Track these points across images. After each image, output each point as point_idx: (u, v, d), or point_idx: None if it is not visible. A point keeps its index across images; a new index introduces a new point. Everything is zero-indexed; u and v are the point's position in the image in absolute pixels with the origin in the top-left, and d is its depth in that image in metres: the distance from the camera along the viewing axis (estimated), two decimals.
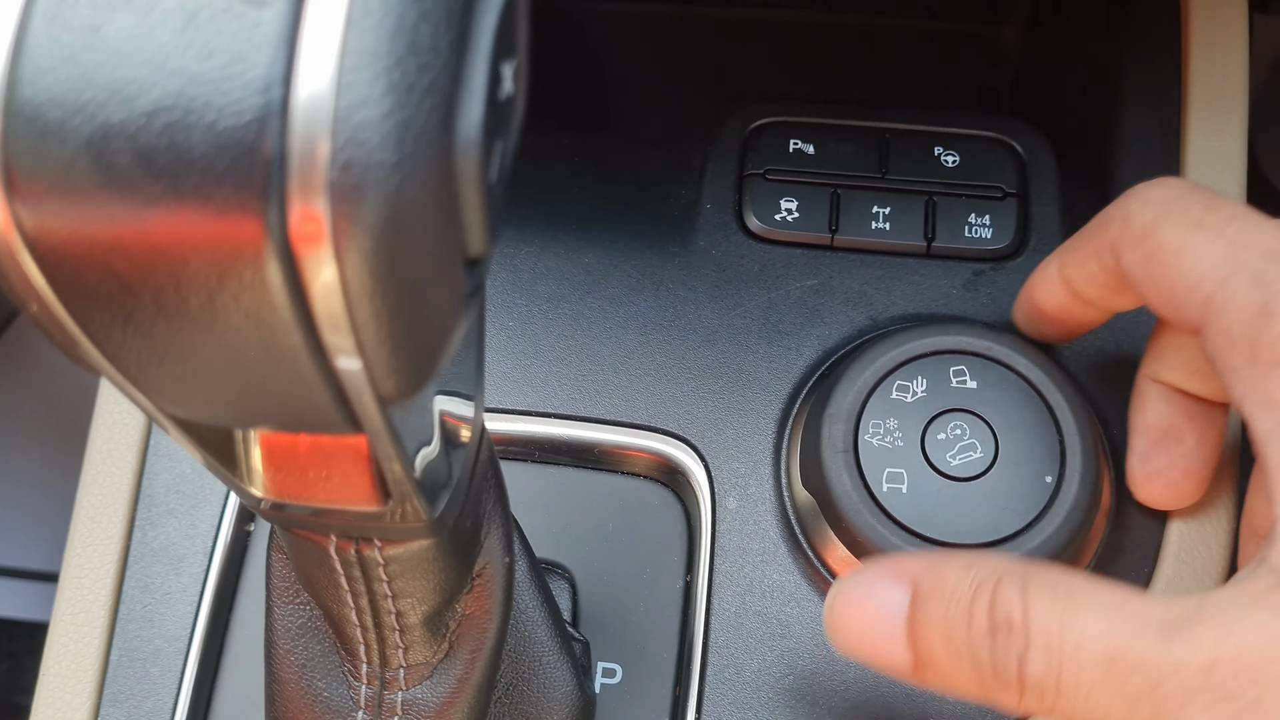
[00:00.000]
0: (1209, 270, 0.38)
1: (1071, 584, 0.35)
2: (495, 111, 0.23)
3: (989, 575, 0.36)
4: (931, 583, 0.37)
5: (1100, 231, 0.43)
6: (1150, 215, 0.41)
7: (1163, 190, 0.42)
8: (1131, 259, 0.41)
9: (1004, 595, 0.35)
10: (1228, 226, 0.39)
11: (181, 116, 0.20)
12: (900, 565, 0.39)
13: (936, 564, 0.38)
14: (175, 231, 0.20)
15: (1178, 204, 0.40)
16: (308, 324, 0.22)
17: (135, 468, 0.51)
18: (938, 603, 0.37)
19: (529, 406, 0.51)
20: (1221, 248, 0.38)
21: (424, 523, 0.31)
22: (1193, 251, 0.39)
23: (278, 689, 0.38)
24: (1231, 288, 0.37)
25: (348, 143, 0.20)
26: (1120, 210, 0.42)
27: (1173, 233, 0.40)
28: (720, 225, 0.54)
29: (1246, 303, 0.37)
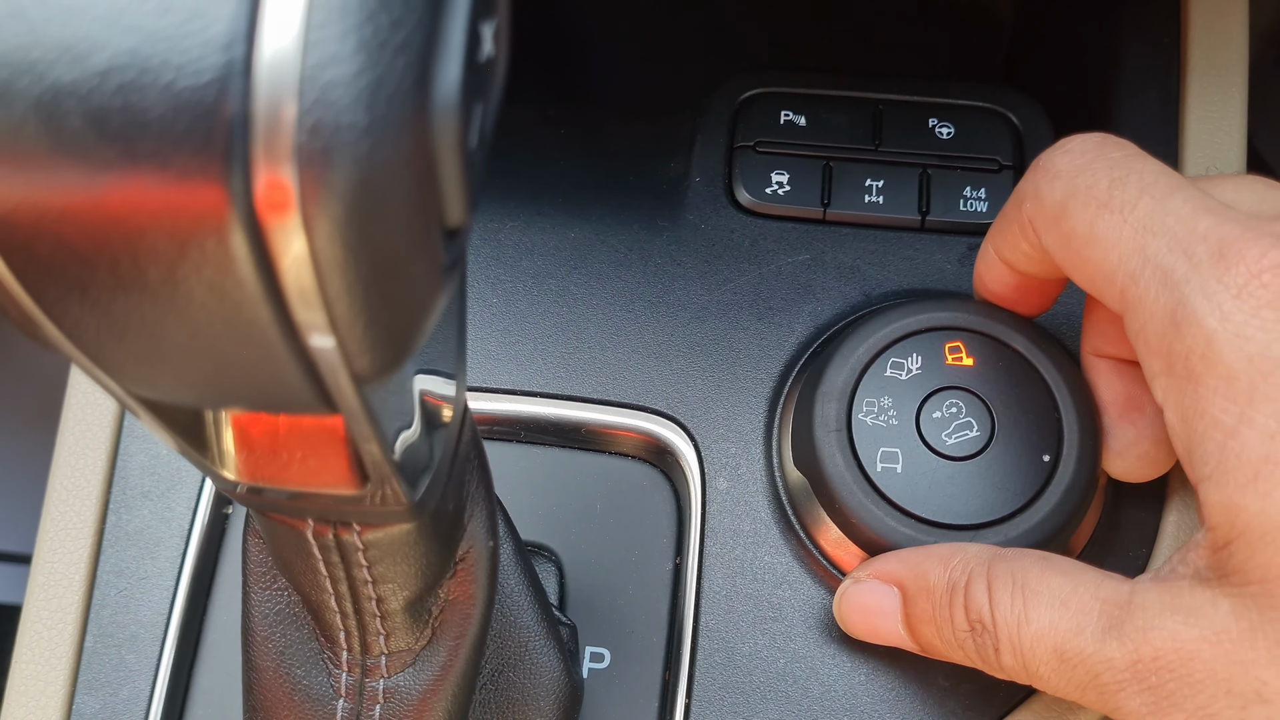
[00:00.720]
0: (1120, 262, 0.37)
1: (1026, 577, 0.39)
2: (474, 73, 0.22)
3: (961, 573, 0.40)
4: (915, 584, 0.42)
5: (1017, 211, 0.42)
6: (1059, 193, 0.40)
7: (1070, 160, 0.40)
8: (1050, 241, 0.41)
9: (974, 594, 0.40)
10: (1136, 206, 0.37)
11: (137, 76, 0.18)
12: (885, 568, 0.43)
13: (917, 563, 0.42)
14: (131, 199, 0.19)
15: (1084, 177, 0.39)
16: (276, 298, 0.20)
17: (109, 449, 0.49)
18: (924, 602, 0.41)
19: (514, 385, 0.50)
20: (1130, 234, 0.37)
21: (404, 506, 0.30)
22: (1103, 238, 0.38)
23: (255, 677, 0.37)
24: (1142, 285, 0.37)
25: (315, 103, 0.18)
26: (1031, 187, 0.41)
27: (1082, 216, 0.39)
28: (710, 199, 0.53)
29: (1156, 307, 0.36)
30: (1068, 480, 0.44)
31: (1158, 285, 0.36)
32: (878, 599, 0.43)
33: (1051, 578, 0.39)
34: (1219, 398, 0.35)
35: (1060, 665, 0.38)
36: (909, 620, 0.42)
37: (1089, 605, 0.38)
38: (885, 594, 0.43)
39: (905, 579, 0.42)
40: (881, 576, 0.43)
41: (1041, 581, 0.39)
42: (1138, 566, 0.47)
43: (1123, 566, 0.46)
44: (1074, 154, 0.40)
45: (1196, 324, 0.35)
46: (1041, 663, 0.38)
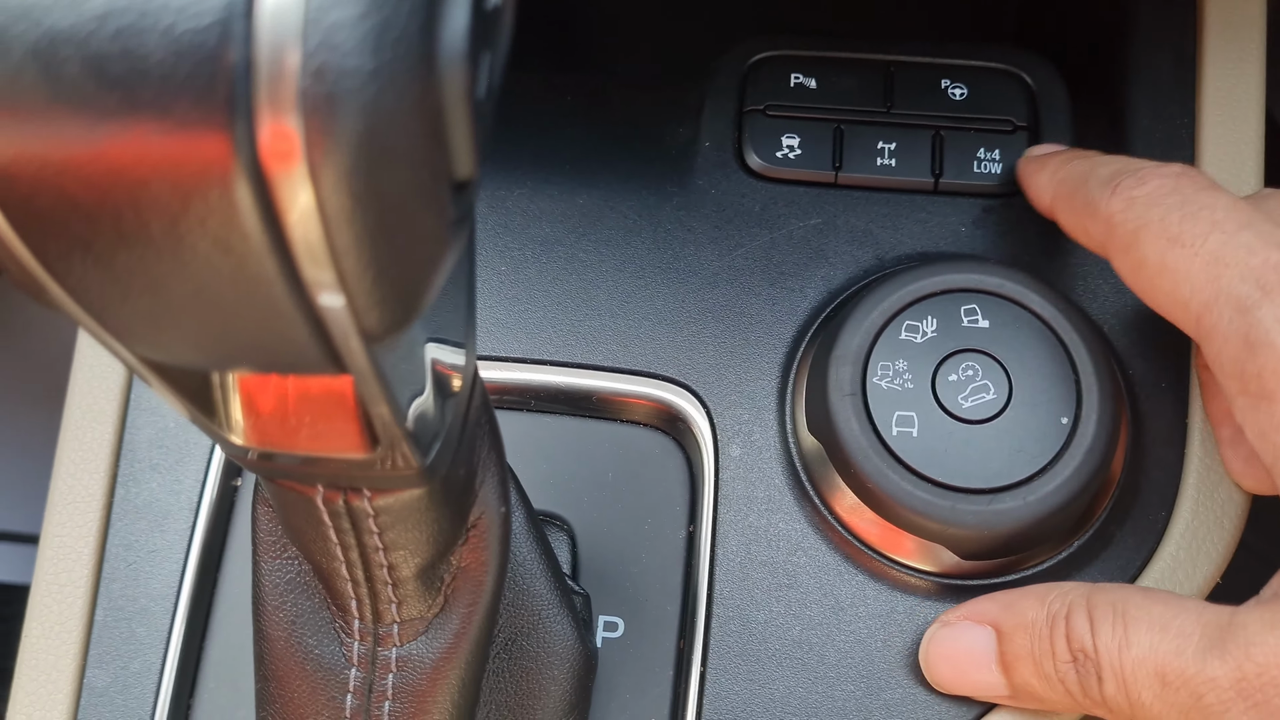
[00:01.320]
0: (1193, 293, 0.39)
1: (1127, 604, 0.39)
2: (482, 21, 0.21)
3: (1061, 606, 0.41)
4: (1012, 621, 0.42)
5: (1089, 222, 0.43)
6: (1132, 224, 0.41)
7: (1144, 191, 0.41)
8: (1121, 267, 0.42)
9: (1076, 624, 0.40)
10: (1206, 241, 0.39)
11: (136, 20, 0.18)
12: (978, 610, 0.43)
13: (1012, 602, 0.42)
14: (132, 149, 0.18)
15: (1156, 211, 0.41)
16: (282, 251, 0.20)
17: (116, 422, 0.49)
18: (1022, 638, 0.41)
19: (524, 354, 0.49)
20: (1201, 267, 0.39)
21: (415, 470, 0.29)
22: (1174, 271, 0.40)
23: (267, 647, 0.37)
24: (1215, 313, 0.38)
25: (320, 46, 0.18)
26: (1105, 211, 0.42)
27: (1153, 248, 0.40)
28: (720, 164, 0.52)
29: (1230, 332, 0.38)
30: (1087, 443, 0.43)
31: (1231, 312, 0.38)
32: (970, 640, 0.43)
33: (1152, 605, 0.39)
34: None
35: (1163, 689, 0.38)
36: (1004, 659, 0.42)
37: (1190, 628, 0.38)
38: (979, 635, 0.42)
39: (1000, 617, 0.42)
40: (973, 617, 0.43)
41: (1142, 609, 0.39)
42: (1157, 531, 0.46)
43: (1144, 530, 0.46)
44: (1149, 186, 0.41)
45: (1269, 345, 0.37)
46: (1144, 687, 0.38)
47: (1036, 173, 0.47)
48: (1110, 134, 0.52)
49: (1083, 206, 0.44)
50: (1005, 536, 0.43)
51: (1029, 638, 0.41)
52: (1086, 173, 0.44)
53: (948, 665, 0.43)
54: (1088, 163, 0.45)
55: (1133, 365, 0.48)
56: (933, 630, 0.44)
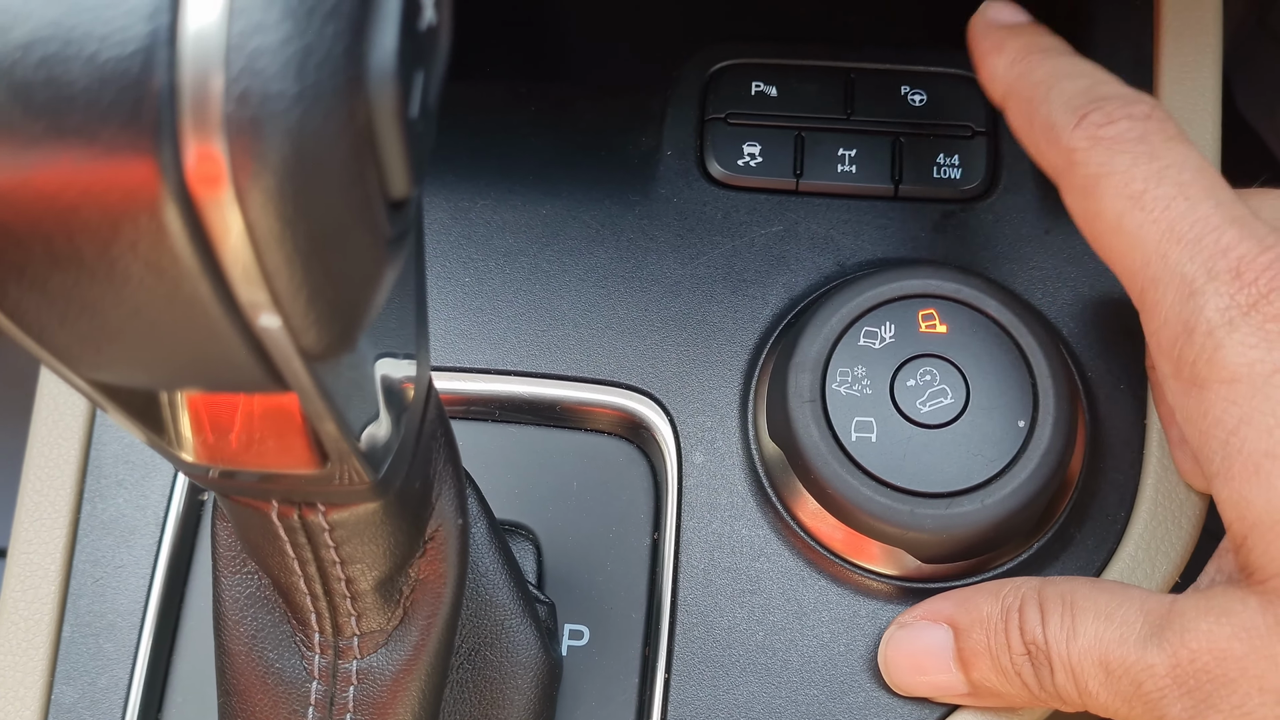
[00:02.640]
0: (1143, 263, 0.38)
1: (1075, 595, 0.40)
2: (414, 41, 0.21)
3: (1014, 599, 0.41)
4: (968, 617, 0.42)
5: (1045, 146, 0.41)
6: (1094, 168, 0.39)
7: (1112, 132, 0.40)
8: (1074, 208, 0.41)
9: (1028, 616, 0.40)
10: (1169, 207, 0.38)
11: (60, 48, 0.18)
12: (934, 609, 0.43)
13: (966, 598, 0.42)
14: (60, 175, 0.19)
15: (1122, 160, 0.39)
16: (215, 274, 0.20)
17: (82, 438, 0.49)
18: (979, 634, 0.41)
19: (488, 364, 0.50)
20: (1155, 236, 0.38)
21: (367, 485, 0.30)
22: (1129, 234, 0.39)
23: (228, 661, 0.37)
24: (1160, 290, 0.38)
25: (243, 72, 0.18)
26: (1066, 143, 0.40)
27: (1112, 203, 0.39)
28: (681, 172, 0.52)
29: (1172, 314, 0.38)
30: (1044, 446, 0.43)
31: (1175, 293, 0.37)
32: (928, 639, 0.43)
33: (1098, 595, 0.39)
34: (1221, 400, 0.36)
35: (1107, 677, 0.38)
36: (962, 656, 0.42)
37: (1133, 617, 0.38)
38: (936, 633, 0.42)
39: (955, 614, 0.42)
40: (929, 616, 0.43)
41: (1089, 599, 0.39)
42: (1116, 531, 0.47)
43: (1103, 530, 0.46)
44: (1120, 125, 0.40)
45: (1207, 334, 0.36)
46: (1090, 677, 0.38)
47: (991, 55, 0.44)
48: None
49: (1041, 126, 0.42)
50: (964, 540, 0.43)
51: (985, 633, 0.41)
52: (1049, 83, 0.42)
53: (906, 666, 0.43)
54: (1050, 67, 0.43)
55: (1091, 367, 0.48)
56: (890, 632, 0.44)
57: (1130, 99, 0.41)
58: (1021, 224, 0.51)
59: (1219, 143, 0.52)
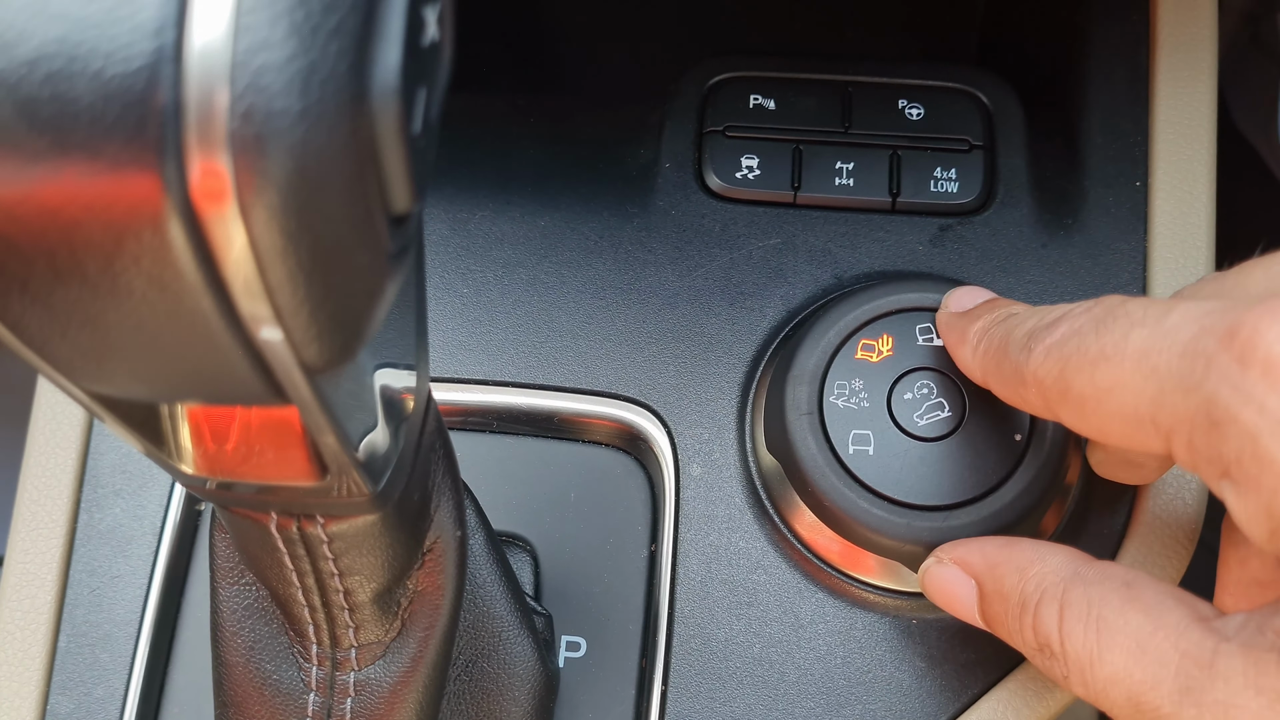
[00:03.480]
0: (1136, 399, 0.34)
1: (1105, 609, 0.37)
2: (417, 58, 0.21)
3: (1035, 589, 0.39)
4: (991, 585, 0.40)
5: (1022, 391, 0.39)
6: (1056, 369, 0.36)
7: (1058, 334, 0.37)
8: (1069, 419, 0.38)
9: (1044, 617, 0.38)
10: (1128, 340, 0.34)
11: (65, 65, 0.18)
12: (966, 557, 0.42)
13: (995, 564, 0.41)
14: (64, 190, 0.19)
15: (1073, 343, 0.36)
16: (218, 288, 0.20)
17: (79, 448, 0.49)
18: (998, 606, 0.40)
19: (486, 375, 0.50)
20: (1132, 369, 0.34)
21: (366, 497, 0.30)
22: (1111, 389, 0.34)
23: (225, 672, 0.37)
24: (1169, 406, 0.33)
25: (248, 89, 0.18)
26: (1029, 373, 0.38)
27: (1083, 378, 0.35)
28: (680, 185, 0.52)
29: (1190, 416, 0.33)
30: (1040, 460, 0.44)
31: (1182, 395, 0.33)
32: (956, 585, 0.42)
33: (1132, 614, 0.36)
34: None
35: (1135, 713, 0.36)
36: (984, 614, 0.41)
37: (1168, 656, 0.35)
38: (963, 582, 0.41)
39: (981, 576, 0.41)
40: (961, 564, 0.42)
41: (1121, 617, 0.36)
42: (1114, 543, 0.47)
43: (1099, 543, 0.47)
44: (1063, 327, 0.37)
45: (1233, 422, 0.31)
46: (1114, 705, 0.36)
47: (960, 347, 0.43)
48: (1065, 152, 0.53)
49: (1011, 377, 0.39)
50: None
51: (1003, 609, 0.40)
52: (1005, 338, 0.40)
53: (938, 597, 0.42)
54: (1003, 326, 0.41)
55: None
56: (928, 563, 0.43)
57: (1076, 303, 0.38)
58: (1018, 237, 0.51)
59: (1214, 156, 0.53)
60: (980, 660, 0.45)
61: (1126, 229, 0.51)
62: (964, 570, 0.41)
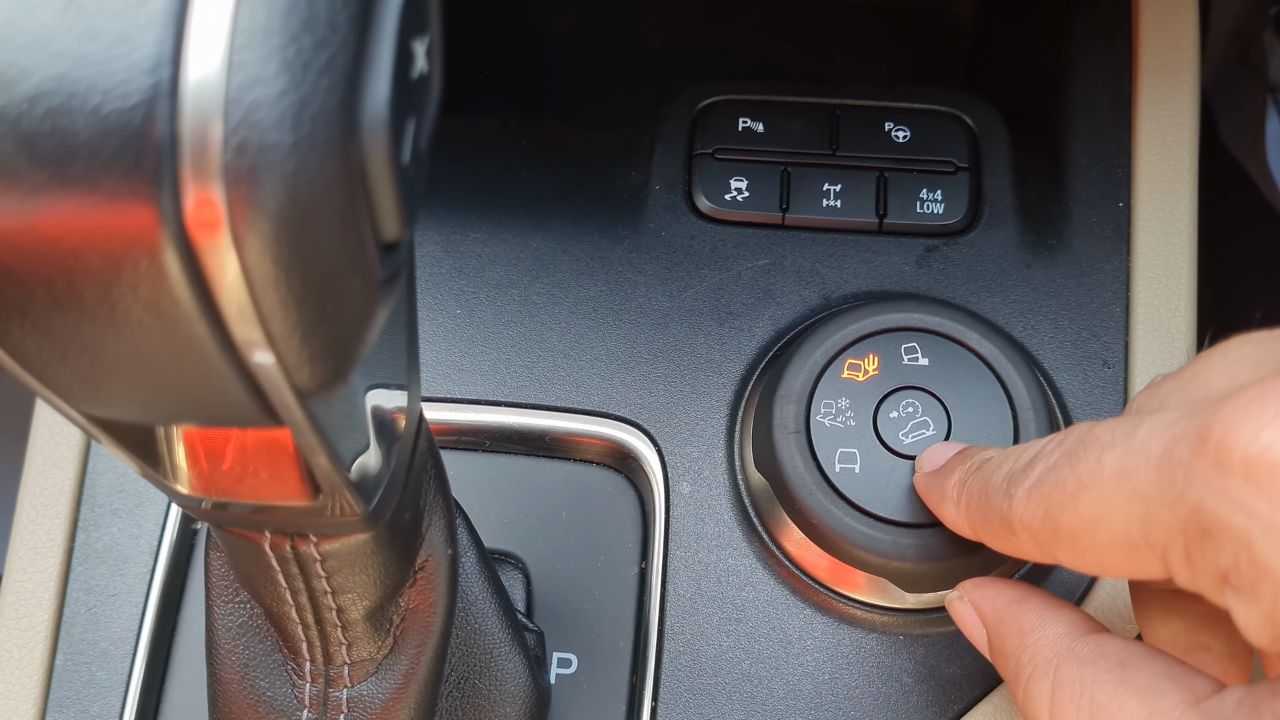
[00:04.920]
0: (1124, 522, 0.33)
1: (1099, 691, 0.36)
2: (406, 91, 0.22)
3: (1028, 662, 0.38)
4: (995, 640, 0.40)
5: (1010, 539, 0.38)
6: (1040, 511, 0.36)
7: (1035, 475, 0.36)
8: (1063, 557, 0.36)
9: (1034, 696, 0.37)
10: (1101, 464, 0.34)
11: (65, 100, 0.19)
12: (980, 603, 0.41)
13: (1000, 622, 0.40)
14: (63, 221, 0.19)
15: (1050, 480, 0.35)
16: (213, 315, 0.21)
17: (77, 467, 0.50)
18: (1000, 662, 0.40)
19: (479, 395, 0.50)
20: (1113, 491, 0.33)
21: (359, 516, 0.30)
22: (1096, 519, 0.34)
23: (220, 690, 0.37)
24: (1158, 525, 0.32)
25: (241, 123, 0.19)
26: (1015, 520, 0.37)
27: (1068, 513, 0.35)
28: (670, 206, 0.53)
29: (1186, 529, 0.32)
30: None
31: (1168, 509, 0.31)
32: (971, 626, 0.42)
33: (1126, 699, 0.35)
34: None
35: None
36: (992, 657, 0.41)
37: None
38: (977, 626, 0.41)
39: (989, 628, 0.41)
40: (976, 609, 0.42)
41: (1115, 701, 0.35)
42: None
43: None
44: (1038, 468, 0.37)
45: (1225, 529, 0.30)
46: None
47: (941, 505, 0.43)
48: (1049, 174, 0.54)
49: (999, 527, 0.38)
50: (947, 569, 0.44)
51: (1004, 666, 0.40)
52: (984, 487, 0.40)
53: (962, 630, 0.42)
54: (980, 475, 0.40)
55: (1071, 399, 0.49)
56: (953, 595, 0.43)
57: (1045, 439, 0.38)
58: (1003, 258, 0.52)
59: (1195, 177, 0.53)
60: (966, 676, 0.46)
61: (1110, 249, 0.52)
62: (976, 612, 0.41)
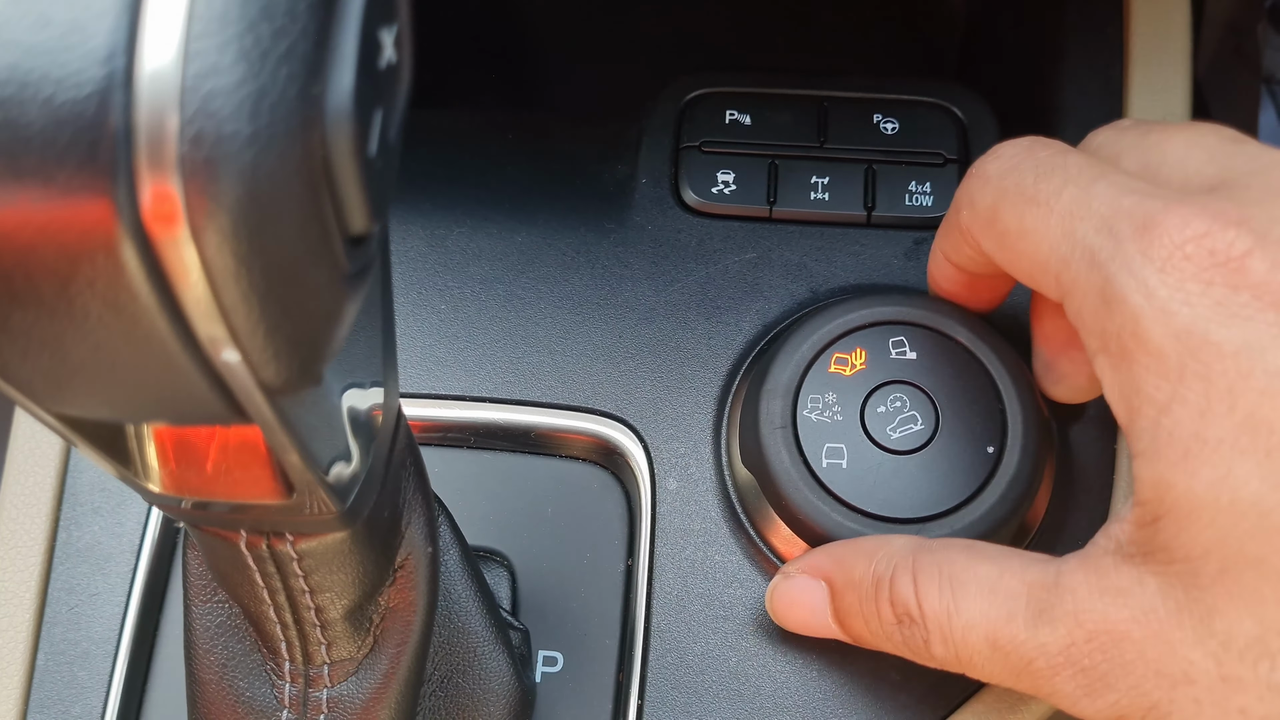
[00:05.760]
0: (1050, 251, 0.38)
1: (953, 567, 0.39)
2: (372, 80, 0.22)
3: (886, 567, 0.41)
4: (842, 578, 0.42)
5: (955, 217, 0.43)
6: (990, 197, 0.40)
7: (998, 164, 0.41)
8: (987, 244, 0.41)
9: (900, 587, 0.40)
10: (1060, 195, 0.38)
11: (16, 91, 0.18)
12: (814, 562, 0.43)
13: (843, 557, 0.43)
14: (17, 215, 0.19)
15: (1012, 178, 0.40)
16: (173, 310, 0.20)
17: (58, 466, 0.49)
18: (851, 595, 0.42)
19: (463, 391, 0.50)
20: (1056, 223, 0.38)
21: (334, 515, 0.30)
22: (1033, 232, 0.38)
23: (199, 690, 0.37)
24: (1072, 269, 0.37)
25: (197, 114, 0.18)
26: (966, 195, 0.42)
27: (1012, 214, 0.39)
28: (656, 200, 0.53)
29: (1088, 286, 0.36)
30: (1012, 471, 0.44)
31: (1086, 266, 0.36)
32: (806, 594, 0.43)
33: (978, 565, 0.39)
34: (1151, 375, 0.35)
35: (993, 653, 0.38)
36: (837, 614, 0.43)
37: (1017, 590, 0.38)
38: (813, 588, 0.43)
39: (831, 573, 0.43)
40: (809, 571, 0.43)
41: (968, 570, 0.39)
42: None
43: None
44: (1003, 159, 0.41)
45: (1123, 301, 0.35)
46: (975, 651, 0.38)
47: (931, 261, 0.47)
48: None
49: (950, 217, 0.43)
50: None
51: (857, 596, 0.41)
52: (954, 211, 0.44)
53: (789, 617, 0.44)
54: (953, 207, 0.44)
55: None
56: (775, 581, 0.45)
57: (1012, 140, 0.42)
58: None
59: None
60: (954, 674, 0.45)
61: None
62: (812, 575, 0.43)
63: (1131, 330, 0.35)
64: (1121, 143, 0.42)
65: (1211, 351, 0.34)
